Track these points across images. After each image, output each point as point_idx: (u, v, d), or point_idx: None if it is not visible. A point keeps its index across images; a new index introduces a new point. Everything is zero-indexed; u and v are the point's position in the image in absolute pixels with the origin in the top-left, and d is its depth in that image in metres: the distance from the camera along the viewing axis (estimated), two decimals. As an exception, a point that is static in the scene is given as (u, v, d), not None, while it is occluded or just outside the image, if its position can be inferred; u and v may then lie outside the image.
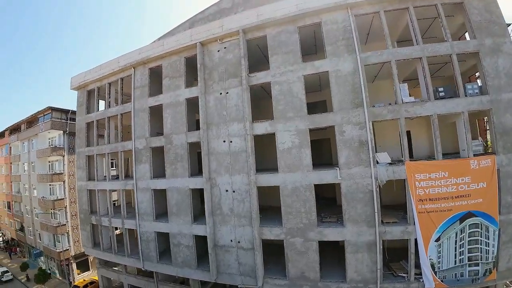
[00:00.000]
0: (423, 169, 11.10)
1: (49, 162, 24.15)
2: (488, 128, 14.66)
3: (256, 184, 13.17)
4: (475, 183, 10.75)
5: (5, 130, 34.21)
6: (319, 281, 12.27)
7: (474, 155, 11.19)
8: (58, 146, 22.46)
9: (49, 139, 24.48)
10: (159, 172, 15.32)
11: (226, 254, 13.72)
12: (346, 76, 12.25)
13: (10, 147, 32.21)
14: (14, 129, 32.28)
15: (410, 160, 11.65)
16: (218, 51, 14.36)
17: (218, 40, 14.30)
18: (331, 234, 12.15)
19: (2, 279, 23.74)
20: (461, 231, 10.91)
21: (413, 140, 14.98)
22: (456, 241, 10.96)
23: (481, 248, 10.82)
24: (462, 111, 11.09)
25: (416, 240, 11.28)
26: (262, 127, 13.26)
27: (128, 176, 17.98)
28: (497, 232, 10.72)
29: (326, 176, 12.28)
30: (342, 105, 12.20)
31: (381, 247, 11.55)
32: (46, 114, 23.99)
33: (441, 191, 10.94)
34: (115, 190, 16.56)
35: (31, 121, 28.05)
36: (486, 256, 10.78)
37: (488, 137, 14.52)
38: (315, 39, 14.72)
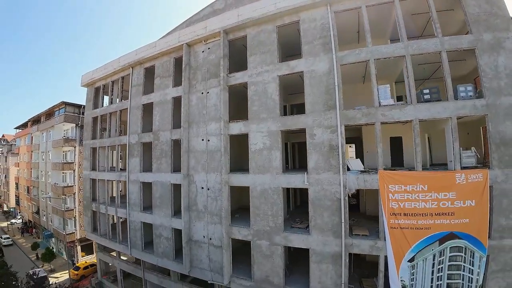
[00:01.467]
0: (398, 180, 9.42)
1: (63, 151, 25.18)
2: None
3: (229, 184, 12.58)
4: (461, 200, 8.77)
5: (28, 121, 35.65)
6: (283, 287, 11.25)
7: (465, 167, 9.15)
8: (70, 137, 23.82)
9: (64, 130, 25.42)
10: (147, 166, 15.60)
11: (199, 249, 13.41)
12: (320, 76, 10.98)
13: (32, 136, 33.40)
14: (35, 121, 33.46)
15: (391, 169, 10.00)
16: (203, 51, 14.04)
17: (203, 41, 13.97)
18: (296, 240, 11.04)
19: (4, 242, 26.04)
20: (440, 253, 9.01)
21: (405, 147, 12.94)
22: (433, 264, 9.10)
23: (463, 275, 8.83)
24: (449, 117, 9.13)
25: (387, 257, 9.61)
26: (237, 127, 12.60)
27: (123, 169, 18.70)
28: (484, 259, 8.62)
29: (294, 180, 11.19)
30: (314, 107, 10.98)
31: (348, 260, 10.12)
32: (61, 108, 25.39)
33: (418, 206, 9.17)
34: (113, 181, 17.28)
35: (49, 114, 29.14)
36: (469, 285, 8.77)
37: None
38: (300, 40, 13.51)
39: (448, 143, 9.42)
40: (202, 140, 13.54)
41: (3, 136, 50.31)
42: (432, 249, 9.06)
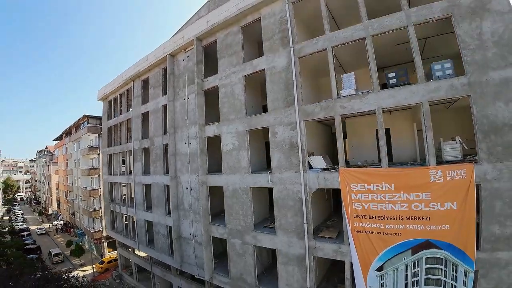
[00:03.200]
0: (361, 179, 7.84)
1: (90, 159, 26.53)
2: None
3: (207, 184, 12.39)
4: (437, 203, 6.81)
5: (63, 133, 37.31)
6: (255, 285, 10.55)
7: (449, 162, 7.10)
8: (94, 146, 25.63)
9: (90, 140, 26.94)
10: (148, 169, 16.45)
11: (187, 246, 13.58)
12: (280, 72, 9.92)
13: (66, 147, 35.28)
14: (68, 133, 35.01)
15: (361, 166, 8.47)
16: (183, 60, 14.12)
17: (183, 50, 14.05)
18: (264, 240, 10.23)
19: (53, 254, 24.62)
20: (414, 264, 7.16)
21: (394, 140, 10.81)
22: (407, 275, 7.29)
23: (444, 292, 6.83)
24: (419, 102, 7.17)
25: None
26: (211, 130, 12.33)
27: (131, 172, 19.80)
28: (472, 275, 6.50)
29: (260, 180, 10.37)
30: (275, 105, 9.97)
31: (313, 263, 8.89)
32: (85, 121, 27.13)
33: (384, 208, 7.47)
34: (123, 183, 18.63)
35: (77, 126, 30.47)
36: (451, 306, 6.73)
37: None
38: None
39: (429, 134, 7.37)
40: (185, 143, 13.64)
41: (46, 147, 55.48)
42: (404, 259, 7.26)
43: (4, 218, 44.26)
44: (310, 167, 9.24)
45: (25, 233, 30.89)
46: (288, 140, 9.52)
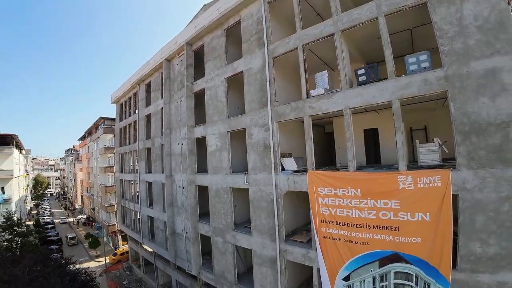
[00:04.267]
0: (328, 182, 7.14)
1: (108, 157, 27.26)
2: None
3: (195, 183, 12.49)
4: (407, 212, 5.87)
5: (85, 133, 38.51)
6: (235, 284, 10.38)
7: (426, 167, 6.11)
8: (110, 146, 26.77)
9: (107, 140, 27.93)
10: (150, 168, 17.12)
11: (180, 241, 13.84)
12: (256, 74, 9.53)
13: (88, 146, 36.28)
14: (89, 133, 36.16)
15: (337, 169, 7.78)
16: (177, 64, 14.35)
17: (177, 55, 14.27)
18: (242, 240, 9.97)
19: (70, 242, 27.49)
20: (382, 278, 6.29)
21: (382, 140, 9.72)
22: (375, 289, 6.42)
23: (414, 312, 5.87)
24: (389, 100, 6.22)
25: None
26: (198, 131, 12.40)
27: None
28: (445, 297, 5.46)
29: (238, 181, 10.11)
30: (251, 106, 9.61)
31: (284, 266, 8.40)
32: (102, 122, 28.32)
33: (351, 215, 6.69)
34: (131, 181, 19.54)
35: (96, 127, 31.46)
36: (421, 329, 5.76)
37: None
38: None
39: (398, 136, 6.38)
40: (178, 144, 13.90)
41: (73, 146, 57.47)
42: (371, 270, 6.41)
43: (32, 212, 45.22)
44: (284, 168, 8.68)
45: (49, 226, 32.13)
46: (262, 141, 9.09)
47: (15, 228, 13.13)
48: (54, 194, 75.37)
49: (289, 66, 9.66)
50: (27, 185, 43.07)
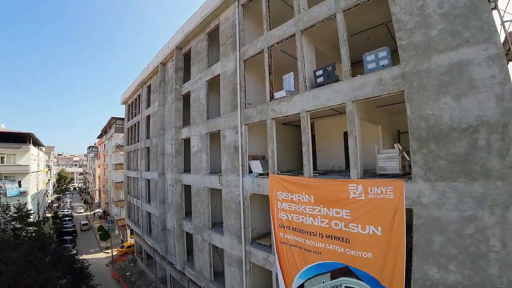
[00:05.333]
0: (286, 187, 6.65)
1: (120, 155, 27.07)
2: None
3: (181, 182, 12.60)
4: (358, 224, 5.21)
5: (102, 132, 39.05)
6: (211, 282, 10.28)
7: (387, 176, 5.38)
8: (121, 144, 26.56)
9: (120, 139, 27.62)
10: (149, 166, 17.60)
11: (170, 237, 14.04)
12: (229, 76, 9.26)
13: (104, 144, 37.00)
14: (105, 131, 36.39)
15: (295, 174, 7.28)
16: (170, 68, 14.54)
17: (170, 59, 14.48)
18: (216, 239, 9.81)
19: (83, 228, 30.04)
20: (334, 291, 5.66)
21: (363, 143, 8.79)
22: (328, 302, 5.82)
23: (364, 333, 5.18)
24: (342, 103, 5.55)
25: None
26: (184, 132, 12.49)
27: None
28: (395, 321, 4.71)
29: (213, 181, 9.97)
30: (225, 109, 9.37)
31: (249, 268, 8.05)
32: (113, 122, 28.73)
33: (306, 222, 6.16)
34: (135, 177, 20.23)
35: (110, 126, 31.56)
36: None
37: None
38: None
39: (351, 140, 5.66)
40: (169, 144, 14.13)
41: (94, 144, 58.54)
42: (323, 282, 5.82)
43: (54, 205, 46.43)
44: (251, 171, 8.29)
45: (67, 218, 32.81)
46: (233, 143, 8.80)
47: (25, 218, 14.28)
48: (77, 189, 75.99)
49: (263, 68, 9.17)
50: (48, 180, 44.31)
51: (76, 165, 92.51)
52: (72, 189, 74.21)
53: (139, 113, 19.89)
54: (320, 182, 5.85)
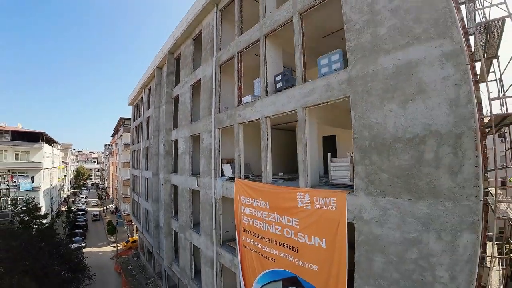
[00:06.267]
0: (247, 192, 6.66)
1: (128, 153, 26.82)
2: None
3: (170, 182, 13.02)
4: (305, 234, 5.05)
5: (114, 131, 40.44)
6: (191, 279, 10.55)
7: (335, 185, 5.17)
8: (128, 143, 26.82)
9: (128, 138, 27.81)
10: (147, 165, 18.28)
11: (161, 234, 14.47)
12: (208, 81, 9.44)
13: (116, 143, 37.72)
14: (117, 130, 37.73)
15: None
16: (165, 71, 14.94)
17: (165, 63, 14.90)
18: (195, 239, 10.04)
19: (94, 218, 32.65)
20: (285, 300, 5.53)
21: (340, 148, 8.57)
22: (281, 310, 5.71)
23: None
24: (295, 109, 5.38)
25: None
26: (173, 134, 12.87)
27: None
28: (336, 338, 4.49)
29: (194, 183, 10.17)
30: (204, 112, 9.56)
31: (220, 269, 8.15)
32: (122, 123, 30.10)
33: (263, 228, 6.10)
34: (138, 176, 21.12)
35: (120, 126, 32.80)
36: None
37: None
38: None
39: (300, 147, 5.46)
40: (162, 145, 14.60)
41: (110, 142, 59.55)
42: (277, 290, 5.68)
43: (70, 200, 47.61)
44: (223, 174, 8.33)
45: (80, 213, 33.79)
46: (209, 146, 8.92)
47: (33, 211, 15.63)
48: (94, 185, 77.14)
49: (246, 71, 9.13)
50: (64, 176, 45.83)
51: (95, 161, 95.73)
52: (89, 184, 76.23)
53: (142, 114, 20.81)
54: (274, 189, 5.72)
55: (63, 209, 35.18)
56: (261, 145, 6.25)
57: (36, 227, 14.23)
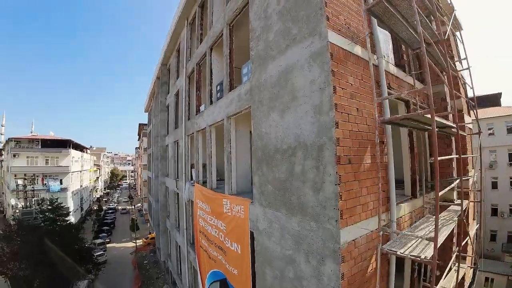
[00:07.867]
0: (200, 196, 7.33)
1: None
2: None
3: (165, 184, 14.54)
4: (229, 239, 5.50)
5: (138, 135, 45.42)
6: (177, 274, 11.86)
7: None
8: (146, 147, 33.25)
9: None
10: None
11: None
12: (182, 91, 10.44)
13: (141, 146, 40.28)
14: (140, 135, 42.26)
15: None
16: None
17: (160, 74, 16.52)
18: (178, 237, 11.19)
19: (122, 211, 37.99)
20: (222, 300, 6.05)
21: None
22: (222, 310, 6.25)
23: None
24: (222, 119, 5.83)
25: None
26: (166, 141, 14.34)
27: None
28: None
29: (176, 185, 11.31)
30: (181, 120, 10.56)
31: (190, 266, 9.07)
32: (143, 128, 34.54)
33: (208, 230, 6.72)
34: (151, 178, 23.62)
35: (142, 130, 36.45)
36: None
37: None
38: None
39: (227, 154, 5.83)
40: (158, 150, 16.29)
41: (138, 145, 65.01)
42: (216, 290, 6.22)
43: (103, 199, 51.68)
44: (192, 178, 9.16)
45: (110, 211, 36.83)
46: (184, 152, 9.83)
47: (57, 210, 18.20)
48: (128, 185, 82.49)
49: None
50: (97, 177, 49.26)
51: (129, 163, 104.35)
52: (123, 185, 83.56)
53: (152, 121, 23.33)
54: (213, 194, 6.23)
55: (95, 208, 39.24)
56: (206, 152, 6.81)
57: (59, 223, 17.03)
